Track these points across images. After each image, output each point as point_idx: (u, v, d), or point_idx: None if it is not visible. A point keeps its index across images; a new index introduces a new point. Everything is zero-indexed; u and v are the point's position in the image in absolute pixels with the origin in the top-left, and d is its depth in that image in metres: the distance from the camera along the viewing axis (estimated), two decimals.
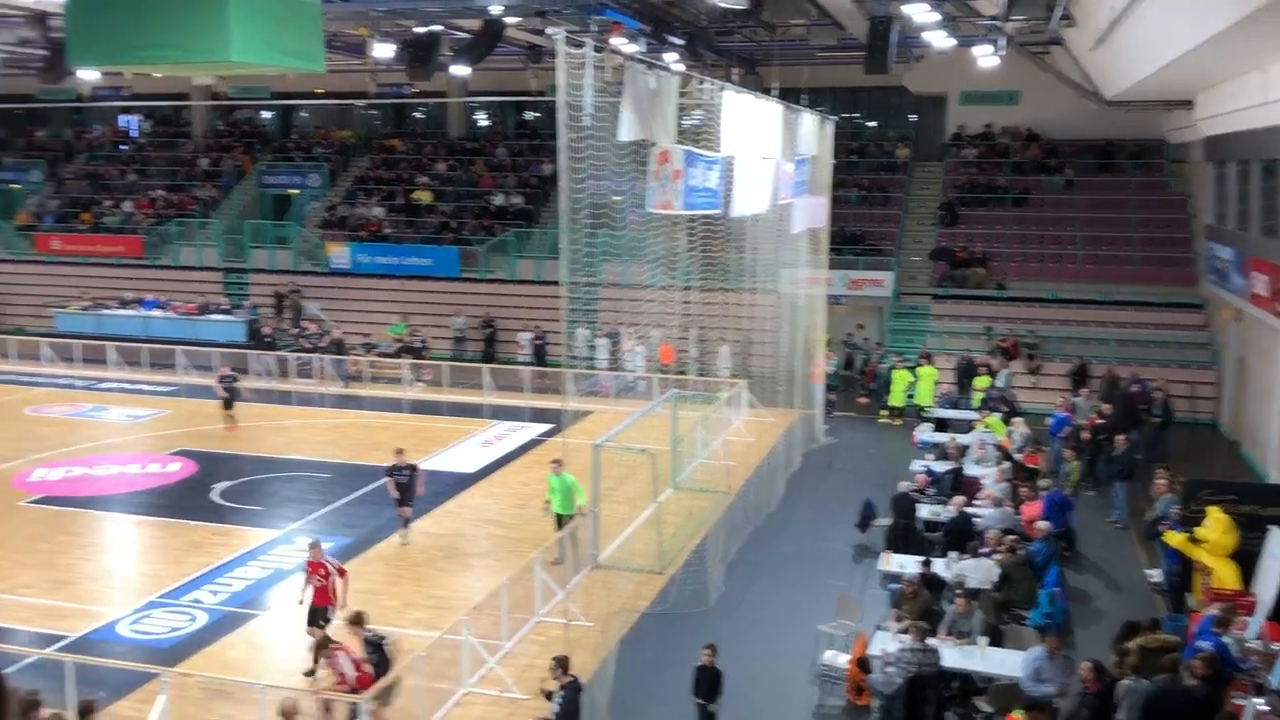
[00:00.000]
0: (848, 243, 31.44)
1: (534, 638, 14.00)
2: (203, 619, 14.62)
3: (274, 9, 7.92)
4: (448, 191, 37.47)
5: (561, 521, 16.41)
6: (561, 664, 10.74)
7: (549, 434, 24.30)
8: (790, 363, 22.63)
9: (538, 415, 26.26)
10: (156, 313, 34.34)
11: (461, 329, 32.68)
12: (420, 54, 22.78)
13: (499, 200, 36.20)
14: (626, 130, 12.30)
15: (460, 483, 21.04)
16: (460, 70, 25.93)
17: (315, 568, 13.40)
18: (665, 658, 13.48)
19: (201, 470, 21.67)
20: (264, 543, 17.62)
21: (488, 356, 31.46)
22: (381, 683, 11.28)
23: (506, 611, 13.82)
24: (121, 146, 42.92)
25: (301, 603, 13.52)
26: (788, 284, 23.08)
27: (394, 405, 27.90)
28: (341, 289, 34.88)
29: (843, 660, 12.49)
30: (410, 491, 17.48)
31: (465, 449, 23.58)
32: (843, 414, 26.81)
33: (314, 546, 13.64)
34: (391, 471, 17.49)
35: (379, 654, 11.66)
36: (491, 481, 21.27)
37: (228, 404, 24.73)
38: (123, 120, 43.83)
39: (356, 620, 11.95)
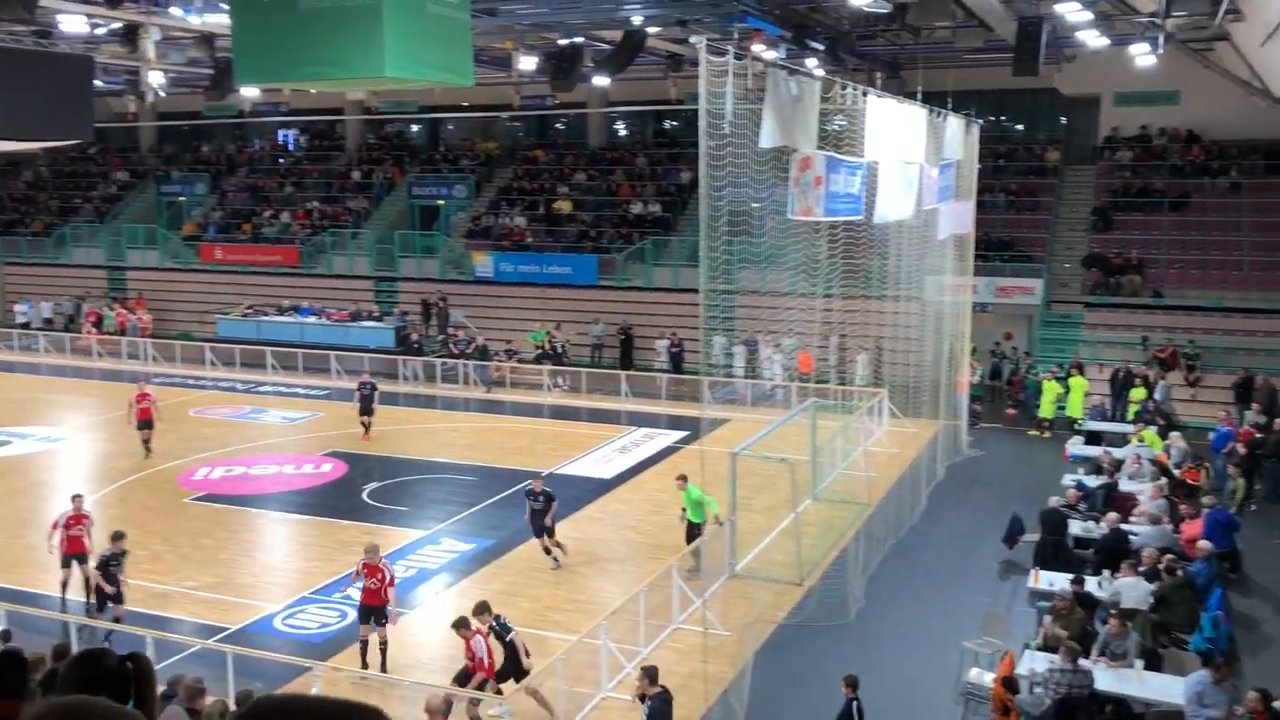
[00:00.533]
0: (994, 249, 30.57)
1: (671, 644, 14.02)
2: (352, 615, 15.11)
3: (426, 26, 8.16)
4: (587, 201, 37.98)
5: (694, 531, 16.40)
6: (650, 674, 10.89)
7: (685, 441, 24.35)
8: (934, 372, 22.13)
9: (674, 422, 26.33)
10: (311, 319, 35.75)
11: (600, 336, 33.06)
12: (563, 66, 23.16)
13: (637, 209, 36.49)
14: (768, 137, 12.24)
15: (598, 488, 21.26)
16: (601, 81, 26.27)
17: (372, 570, 13.47)
18: (803, 670, 13.32)
19: (351, 471, 22.45)
20: (410, 542, 18.14)
21: (625, 363, 31.74)
22: (528, 679, 11.51)
23: (644, 617, 13.89)
24: (280, 160, 44.86)
25: (352, 595, 13.96)
26: (932, 291, 22.58)
27: (534, 410, 28.39)
28: (485, 296, 35.70)
29: (988, 679, 12.12)
30: (540, 519, 16.93)
31: (603, 455, 23.82)
32: (989, 425, 26.06)
33: (373, 551, 13.76)
34: (528, 496, 17.16)
35: (506, 644, 11.97)
36: (628, 487, 21.42)
37: (364, 411, 25.15)
38: (281, 135, 45.85)
39: (483, 610, 12.23)
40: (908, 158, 17.33)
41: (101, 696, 2.99)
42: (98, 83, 25.85)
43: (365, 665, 13.15)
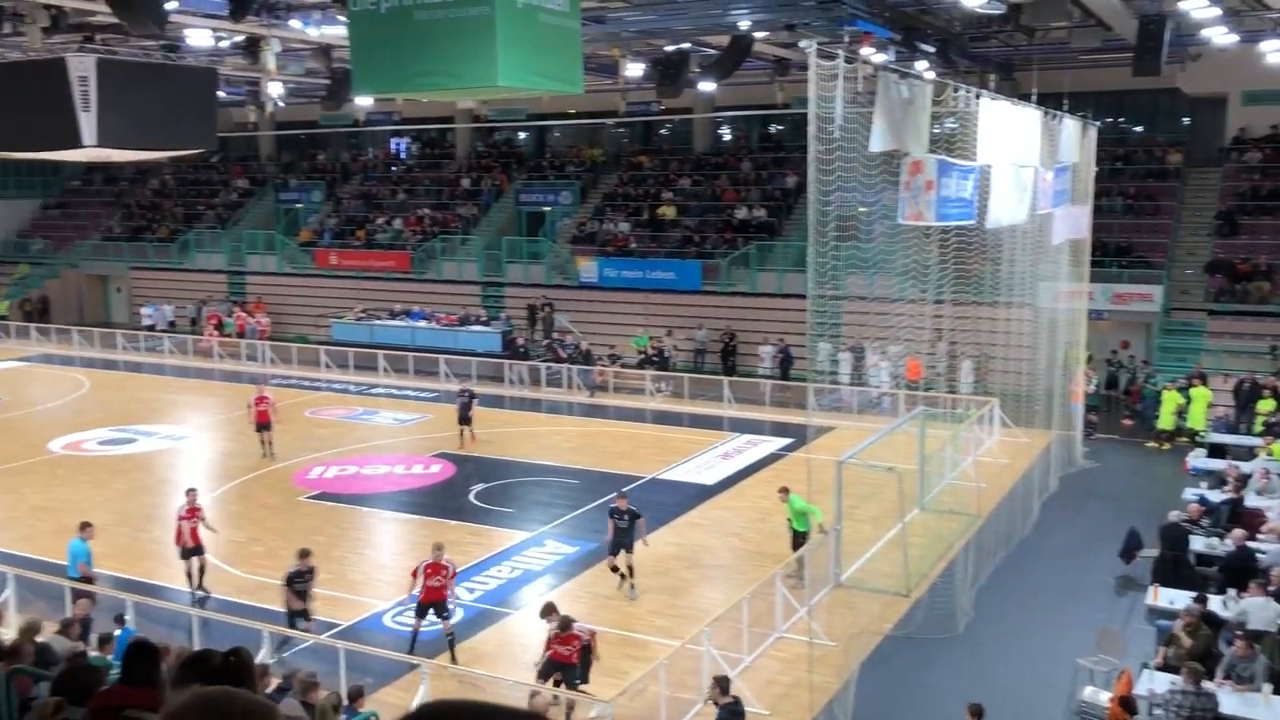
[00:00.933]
0: (1111, 255, 29.63)
1: (774, 653, 13.91)
2: (458, 614, 15.36)
3: (537, 35, 8.26)
4: (691, 206, 38.00)
5: (799, 540, 16.24)
6: (721, 684, 10.97)
7: (789, 448, 24.15)
8: (1048, 381, 21.55)
9: (778, 429, 26.14)
10: (421, 323, 36.49)
11: (703, 341, 33.03)
12: (669, 72, 23.23)
13: (741, 214, 36.38)
14: (878, 141, 12.08)
15: (701, 494, 21.23)
16: (707, 86, 26.27)
17: (438, 569, 13.99)
18: (910, 682, 13.09)
19: (459, 472, 22.84)
20: (515, 544, 18.37)
21: (728, 369, 31.65)
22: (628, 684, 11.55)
23: (747, 625, 13.81)
24: (392, 168, 45.96)
25: (411, 595, 14.23)
26: (1046, 298, 21.99)
27: (637, 415, 28.50)
28: (589, 301, 35.99)
29: (1104, 698, 11.72)
30: (628, 538, 16.13)
31: (705, 461, 23.78)
32: (1105, 436, 25.26)
33: (438, 548, 14.34)
34: (612, 514, 16.38)
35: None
36: (731, 494, 21.34)
37: (463, 419, 24.99)
38: (394, 143, 46.96)
39: (549, 611, 12.64)
40: (1022, 161, 16.92)
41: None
42: (220, 94, 26.82)
43: (412, 652, 13.54)
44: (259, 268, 42.25)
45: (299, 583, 14.17)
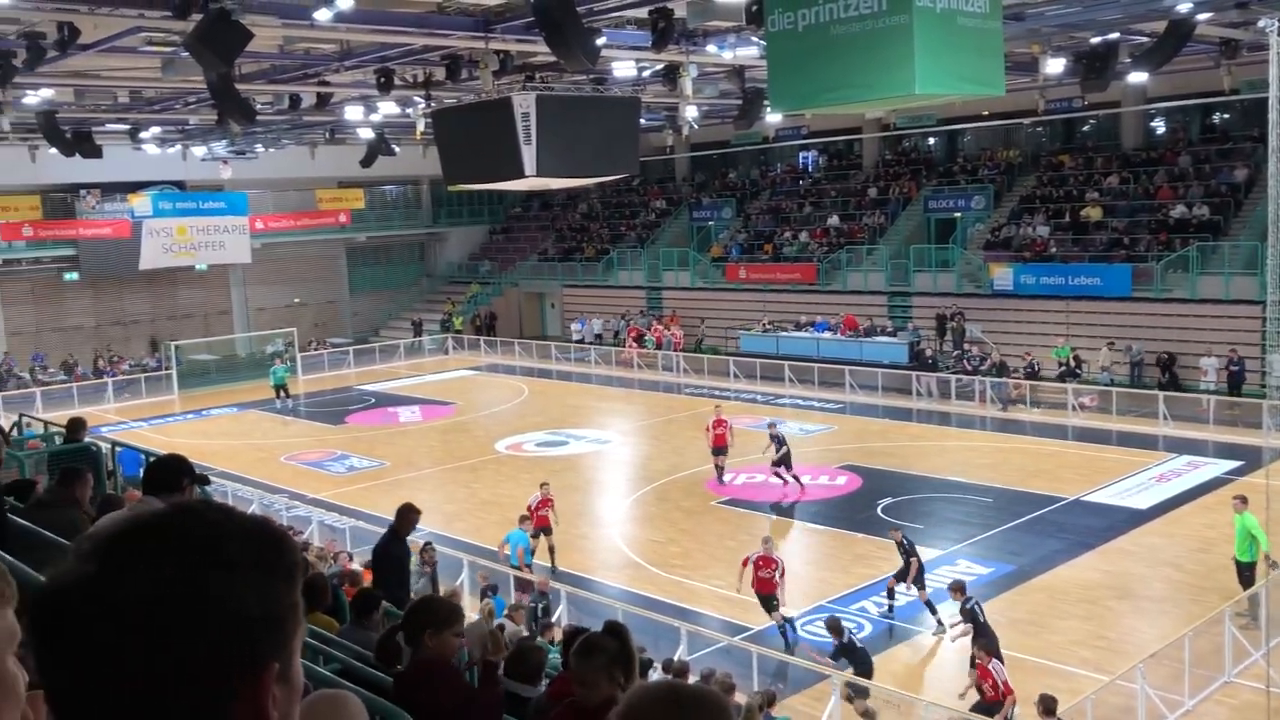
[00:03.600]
0: None
1: (1221, 699, 12.54)
2: (868, 628, 15.24)
3: (956, 40, 8.05)
4: (1119, 206, 35.22)
5: (1244, 573, 14.50)
6: (1046, 703, 10.52)
7: (1236, 472, 21.67)
8: None
9: (1224, 450, 23.54)
10: (826, 334, 36.68)
11: (1138, 354, 30.43)
12: (1095, 65, 21.66)
13: (1179, 212, 33.18)
14: None
15: (1132, 519, 19.57)
16: (1138, 77, 24.25)
17: (767, 562, 15.00)
18: None
19: (866, 485, 22.67)
20: (926, 561, 17.86)
21: (1165, 383, 28.93)
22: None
23: (1189, 666, 12.55)
24: (799, 181, 46.62)
25: (739, 592, 15.06)
26: None
27: (1057, 432, 26.82)
28: (1003, 310, 34.39)
29: None
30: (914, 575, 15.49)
31: (1137, 483, 21.89)
32: None
33: (766, 541, 15.64)
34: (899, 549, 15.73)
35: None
36: (1167, 520, 19.49)
37: (779, 461, 22.16)
38: (801, 157, 47.62)
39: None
40: None
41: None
42: (641, 120, 28.54)
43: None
44: (674, 283, 44.43)
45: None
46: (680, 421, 29.75)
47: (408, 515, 9.98)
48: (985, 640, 12.33)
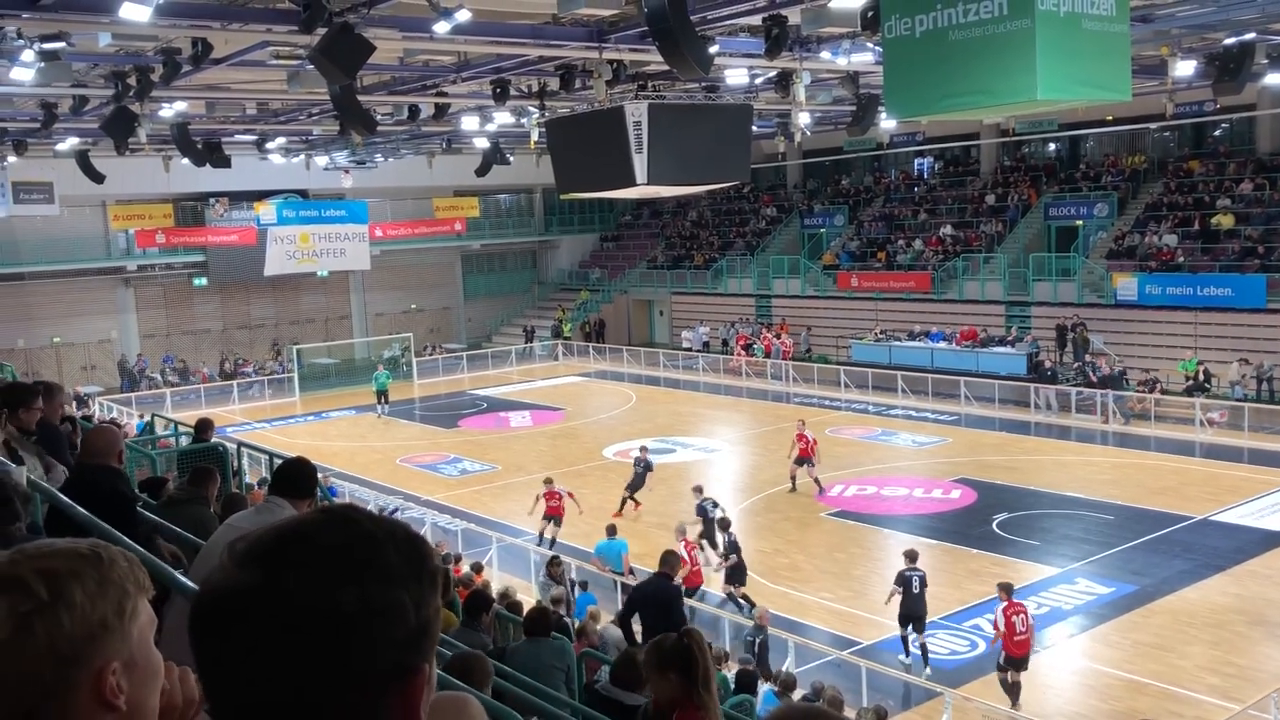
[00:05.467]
0: None
1: None
2: (981, 646, 14.86)
3: (1081, 43, 7.82)
4: (1254, 214, 33.74)
5: None
6: None
7: None
8: None
9: None
10: (941, 344, 35.95)
11: (1270, 369, 29.06)
12: (1229, 67, 20.79)
13: None
14: None
15: (1266, 541, 18.68)
16: (1275, 78, 23.18)
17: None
18: None
19: (980, 499, 22.13)
20: (1042, 579, 17.40)
21: None
22: None
23: None
24: (914, 188, 45.83)
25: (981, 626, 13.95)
26: None
27: (1183, 448, 25.79)
28: (1127, 321, 33.24)
29: None
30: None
31: (1270, 503, 20.89)
32: None
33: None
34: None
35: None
36: None
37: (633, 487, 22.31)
38: (917, 163, 46.82)
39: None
40: None
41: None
42: (753, 127, 28.43)
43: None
44: (784, 291, 44.10)
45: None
46: (789, 430, 29.44)
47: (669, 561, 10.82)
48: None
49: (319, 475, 5.27)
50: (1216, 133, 39.00)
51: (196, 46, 14.87)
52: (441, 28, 13.20)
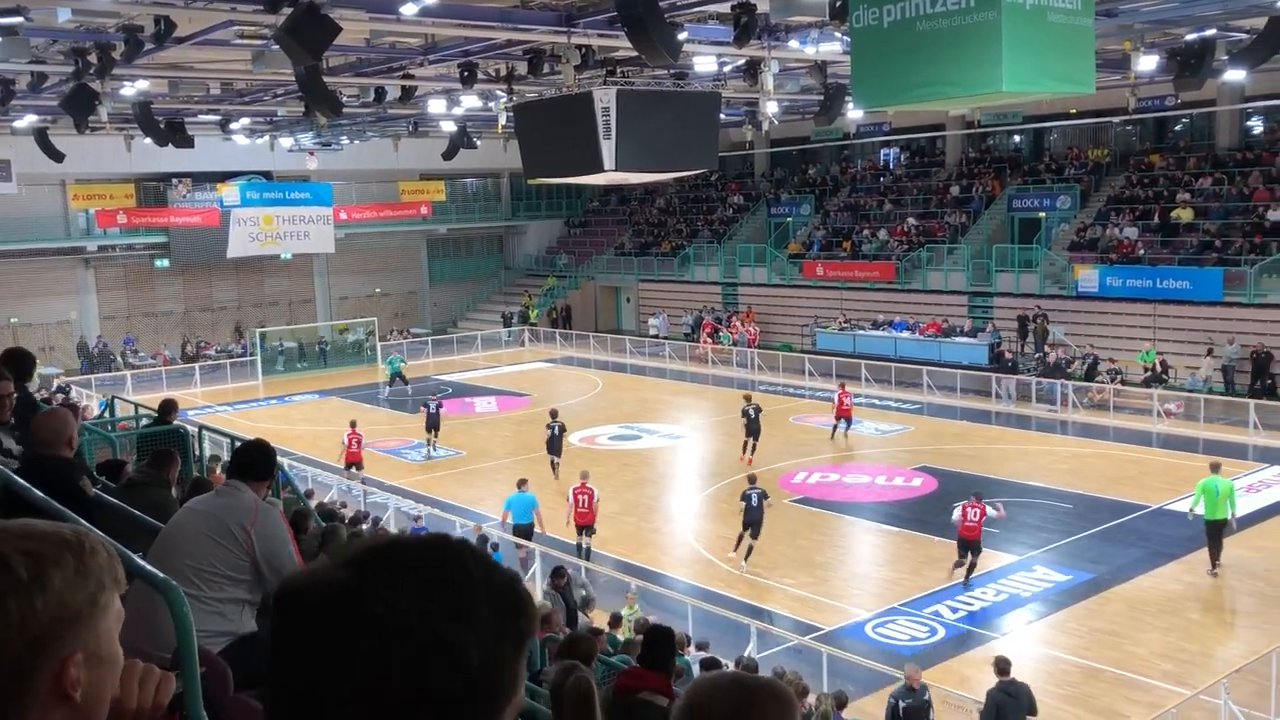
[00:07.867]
0: None
1: None
2: (941, 632, 15.05)
3: (1046, 37, 7.89)
4: (1212, 208, 34.22)
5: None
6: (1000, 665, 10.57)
7: None
8: None
9: None
10: (904, 334, 36.21)
11: (1232, 359, 29.53)
12: (1190, 62, 21.05)
13: (1276, 215, 32.12)
14: None
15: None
16: (1235, 75, 23.50)
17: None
18: None
19: (941, 487, 22.35)
20: (1001, 566, 17.63)
21: (1259, 390, 28.04)
22: None
23: (1276, 682, 12.17)
24: (880, 179, 46.07)
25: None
26: None
27: (1141, 438, 26.17)
28: (1087, 313, 33.64)
29: None
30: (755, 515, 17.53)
31: None
32: None
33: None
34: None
35: None
36: (1257, 532, 18.86)
37: (430, 427, 26.42)
38: (882, 154, 47.06)
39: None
40: None
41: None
42: (720, 115, 28.44)
43: None
44: (750, 279, 44.21)
45: None
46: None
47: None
48: None
49: (279, 459, 5.23)
50: (1177, 127, 39.49)
51: (159, 24, 14.68)
52: (409, 9, 13.12)
